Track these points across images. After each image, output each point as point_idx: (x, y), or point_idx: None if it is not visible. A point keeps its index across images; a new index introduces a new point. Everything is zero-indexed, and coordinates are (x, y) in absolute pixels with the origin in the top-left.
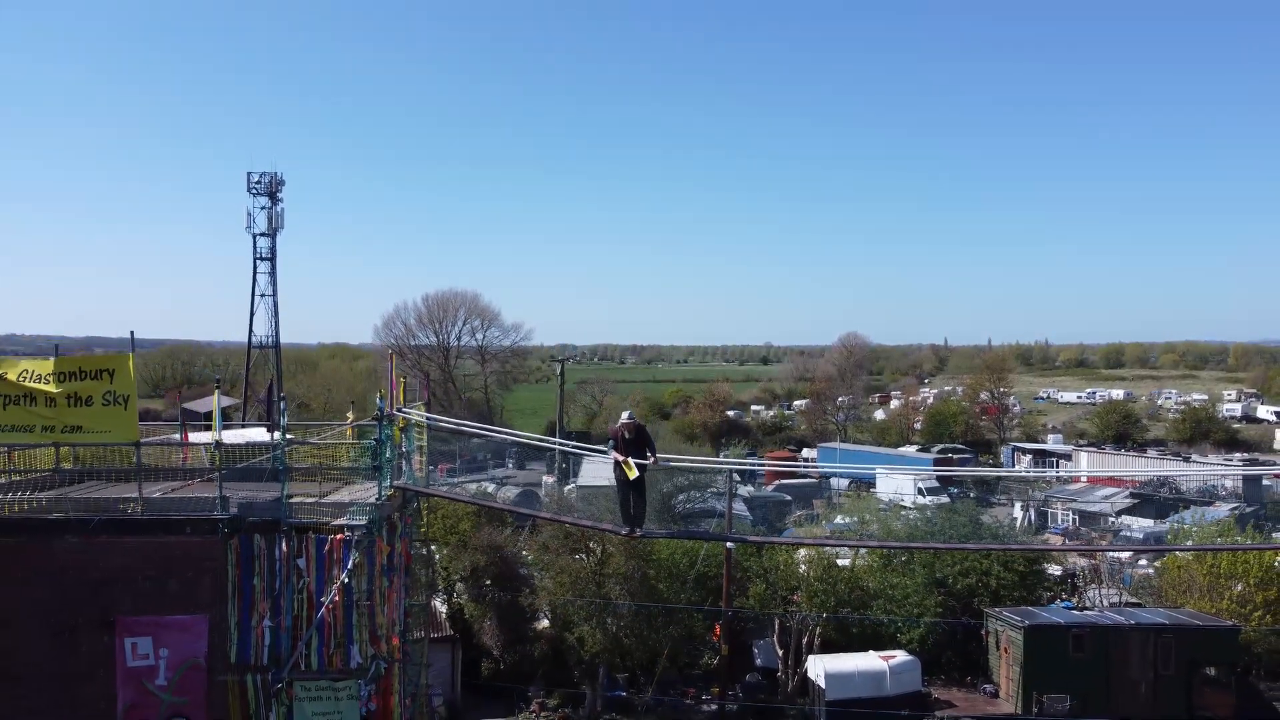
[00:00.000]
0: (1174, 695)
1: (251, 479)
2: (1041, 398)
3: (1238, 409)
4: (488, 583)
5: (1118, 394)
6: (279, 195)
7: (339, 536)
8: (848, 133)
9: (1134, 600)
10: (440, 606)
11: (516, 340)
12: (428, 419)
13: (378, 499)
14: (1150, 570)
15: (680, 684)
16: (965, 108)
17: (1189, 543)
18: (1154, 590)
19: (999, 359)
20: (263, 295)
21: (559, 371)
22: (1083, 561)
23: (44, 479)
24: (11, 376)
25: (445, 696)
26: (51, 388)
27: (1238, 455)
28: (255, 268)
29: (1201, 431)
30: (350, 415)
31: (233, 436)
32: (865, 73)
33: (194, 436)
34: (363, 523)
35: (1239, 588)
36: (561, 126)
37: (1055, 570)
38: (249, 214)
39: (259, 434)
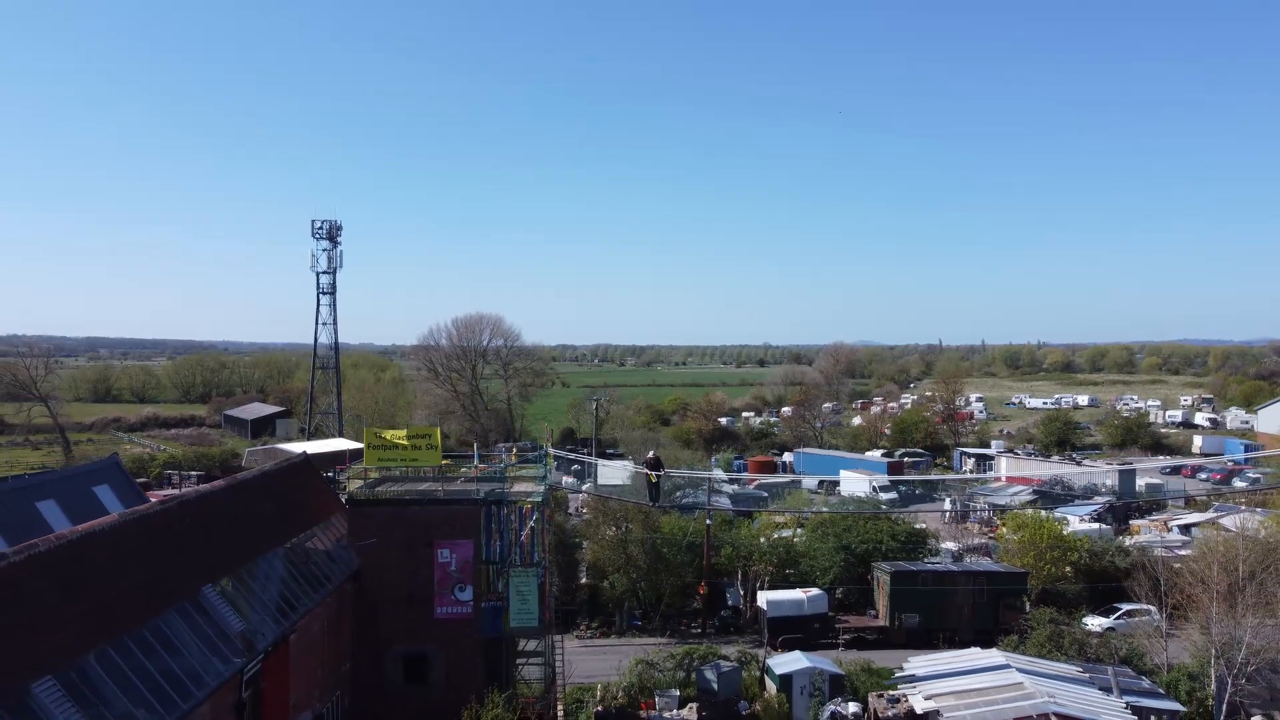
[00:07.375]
0: (985, 614)
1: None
2: (1013, 403)
3: (1178, 415)
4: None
5: (1083, 400)
6: (338, 239)
7: (528, 507)
8: (848, 133)
9: (987, 559)
10: None
11: (531, 344)
12: (555, 452)
13: (543, 489)
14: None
15: (677, 616)
16: (968, 109)
17: (1011, 521)
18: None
19: (954, 374)
20: (324, 324)
21: (594, 408)
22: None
23: (381, 479)
24: (388, 436)
25: None
26: (404, 440)
27: (1116, 461)
28: (319, 301)
29: (1131, 437)
30: (512, 447)
31: (318, 447)
32: (866, 73)
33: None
34: (539, 500)
35: (1034, 551)
36: (560, 127)
37: (951, 545)
38: (312, 255)
39: (341, 444)
